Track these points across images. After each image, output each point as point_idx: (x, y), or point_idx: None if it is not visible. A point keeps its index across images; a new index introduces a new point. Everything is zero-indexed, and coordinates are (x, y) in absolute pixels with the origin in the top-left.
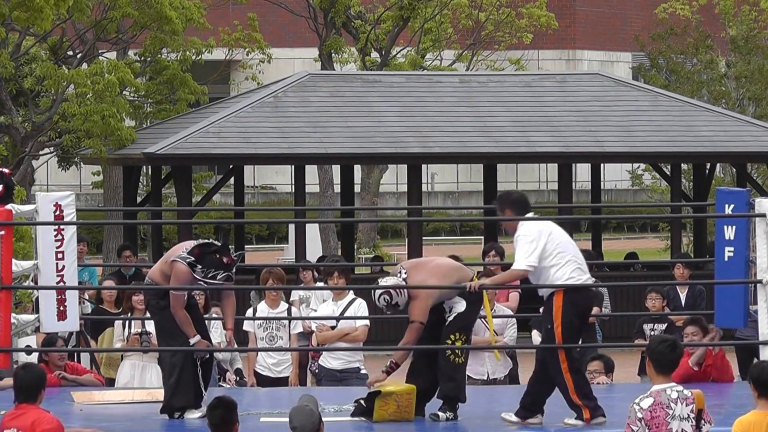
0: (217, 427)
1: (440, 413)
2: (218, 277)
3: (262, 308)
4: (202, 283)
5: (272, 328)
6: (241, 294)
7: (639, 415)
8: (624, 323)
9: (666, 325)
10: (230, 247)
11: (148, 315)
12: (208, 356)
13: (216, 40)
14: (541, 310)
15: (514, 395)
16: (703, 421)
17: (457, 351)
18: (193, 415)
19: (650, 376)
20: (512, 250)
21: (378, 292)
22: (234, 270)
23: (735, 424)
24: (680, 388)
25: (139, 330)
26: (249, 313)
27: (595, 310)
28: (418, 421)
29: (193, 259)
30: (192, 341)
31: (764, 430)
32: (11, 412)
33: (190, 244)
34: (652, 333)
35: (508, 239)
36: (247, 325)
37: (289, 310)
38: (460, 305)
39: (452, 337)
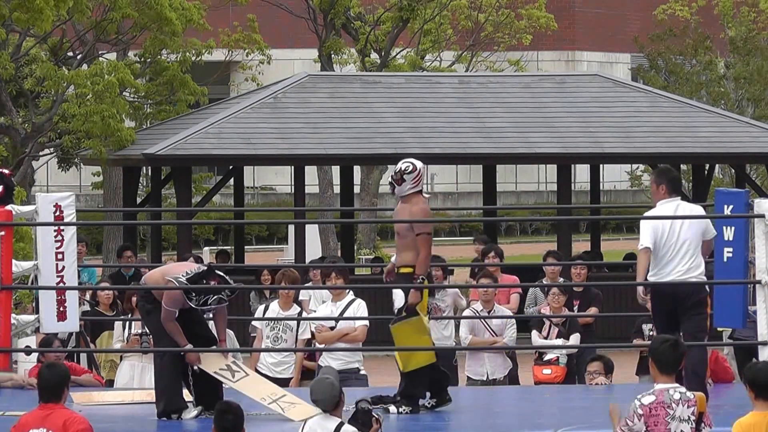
0: (226, 431)
1: (393, 406)
2: (209, 301)
3: (274, 308)
4: (197, 309)
5: (279, 329)
6: (240, 294)
7: (639, 411)
8: (623, 324)
9: None
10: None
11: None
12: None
13: (216, 41)
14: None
15: (514, 396)
16: (703, 424)
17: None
18: (190, 414)
19: (653, 376)
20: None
21: (403, 161)
22: (226, 291)
23: (734, 427)
24: (683, 389)
25: (139, 331)
26: (260, 311)
27: (593, 310)
28: (417, 418)
29: (188, 285)
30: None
31: (764, 431)
32: (35, 412)
33: (191, 268)
34: (651, 333)
35: (507, 239)
36: (256, 322)
37: (300, 314)
38: (398, 300)
39: None
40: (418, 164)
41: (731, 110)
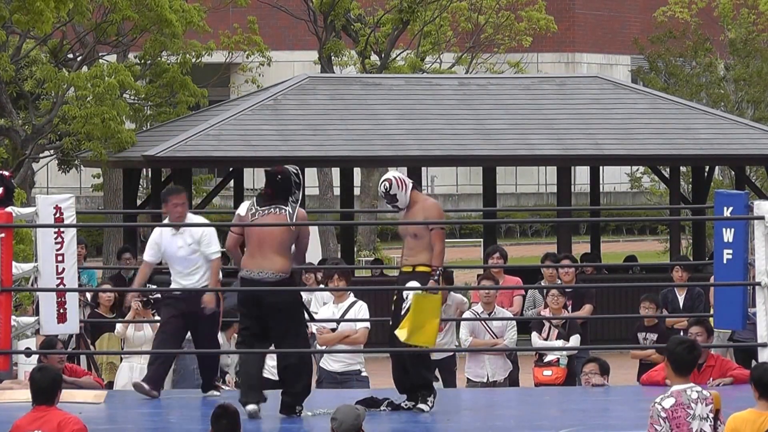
0: None
1: (422, 405)
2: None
3: None
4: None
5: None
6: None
7: (663, 414)
8: (620, 325)
9: (657, 335)
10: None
11: (145, 318)
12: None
13: (216, 43)
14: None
15: (514, 397)
16: (719, 422)
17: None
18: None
19: (668, 377)
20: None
21: (383, 178)
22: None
23: (729, 420)
24: (699, 388)
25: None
26: None
27: (587, 307)
28: (417, 419)
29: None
30: None
31: (755, 429)
32: (29, 414)
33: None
34: (645, 342)
35: (507, 241)
36: None
37: None
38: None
39: None
40: (390, 174)
41: (731, 112)
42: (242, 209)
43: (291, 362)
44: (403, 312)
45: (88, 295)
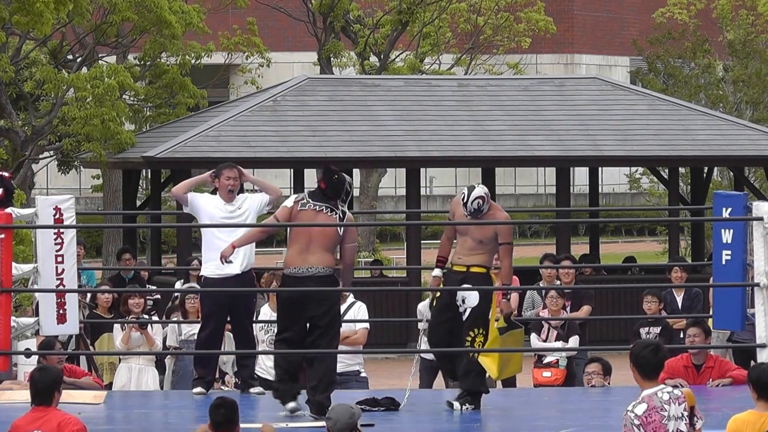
0: (220, 425)
1: (457, 403)
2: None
3: (266, 311)
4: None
5: (273, 332)
6: None
7: (636, 422)
8: (620, 326)
9: (660, 328)
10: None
11: (144, 317)
12: None
13: (215, 44)
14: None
15: (512, 398)
16: (695, 418)
17: (476, 348)
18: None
19: (636, 381)
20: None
21: (475, 194)
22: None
23: (730, 422)
24: (670, 389)
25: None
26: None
27: (585, 308)
28: (416, 420)
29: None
30: None
31: (755, 430)
32: (28, 415)
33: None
34: (648, 337)
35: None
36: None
37: None
38: (473, 298)
39: (472, 333)
40: (481, 191)
41: (730, 113)
42: (289, 201)
43: (325, 371)
44: (467, 321)
45: (88, 296)
